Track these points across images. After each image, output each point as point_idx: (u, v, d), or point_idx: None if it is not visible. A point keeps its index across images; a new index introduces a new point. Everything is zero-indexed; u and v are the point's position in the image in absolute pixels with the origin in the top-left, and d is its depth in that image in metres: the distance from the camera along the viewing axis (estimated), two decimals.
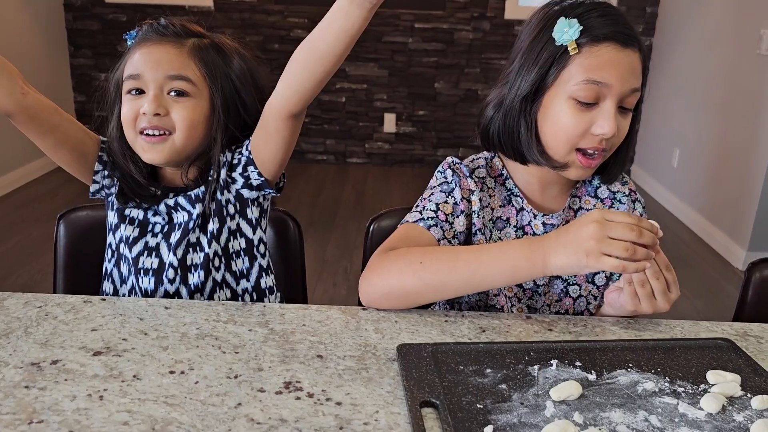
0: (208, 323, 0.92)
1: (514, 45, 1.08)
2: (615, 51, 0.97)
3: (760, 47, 3.26)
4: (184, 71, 1.05)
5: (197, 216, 1.10)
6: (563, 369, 0.83)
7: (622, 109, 1.01)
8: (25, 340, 0.86)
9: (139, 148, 1.07)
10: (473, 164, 1.14)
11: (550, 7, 1.03)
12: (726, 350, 0.89)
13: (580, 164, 1.02)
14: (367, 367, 0.82)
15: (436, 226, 1.04)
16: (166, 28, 1.07)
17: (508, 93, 1.05)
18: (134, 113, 1.04)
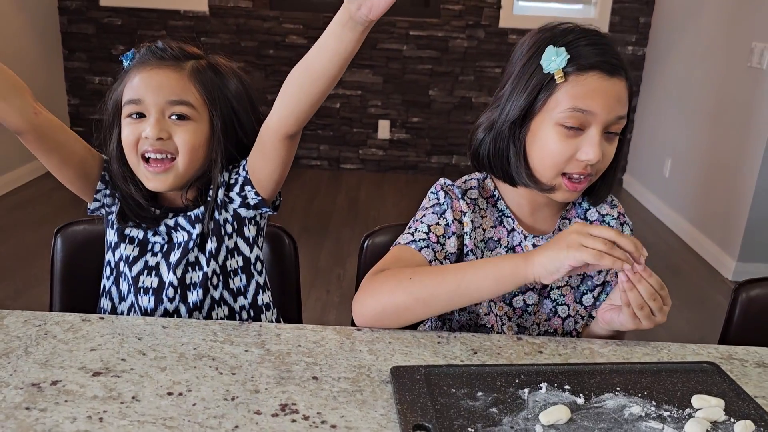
0: (205, 343, 0.93)
1: (506, 68, 1.11)
2: (601, 80, 1.00)
3: (751, 60, 3.30)
4: (184, 96, 1.06)
5: (197, 236, 1.12)
6: (552, 392, 0.85)
7: (608, 134, 1.04)
8: (25, 360, 0.87)
9: (142, 176, 1.08)
10: (465, 185, 1.16)
11: (542, 32, 1.06)
12: (711, 374, 0.91)
13: (566, 188, 1.05)
14: (361, 389, 0.84)
15: (428, 247, 1.07)
16: (165, 51, 1.09)
17: (498, 117, 1.08)
18: (135, 137, 1.06)
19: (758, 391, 0.90)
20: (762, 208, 3.23)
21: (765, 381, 0.93)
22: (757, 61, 3.24)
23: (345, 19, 0.92)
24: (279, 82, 4.11)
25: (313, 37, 4.57)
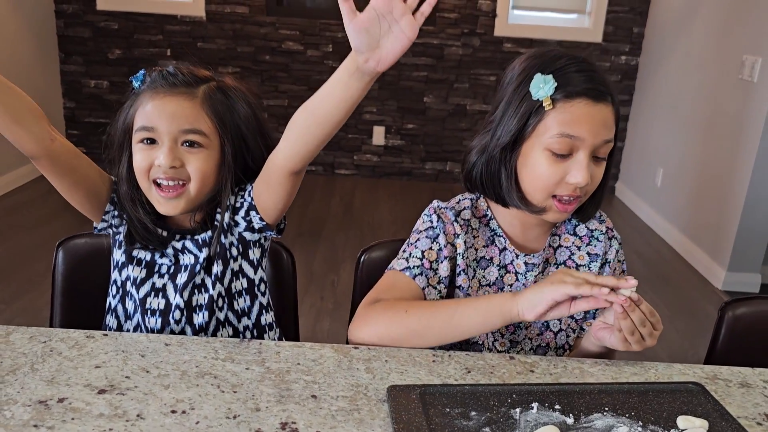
0: (206, 360, 0.96)
1: (497, 92, 1.14)
2: (587, 106, 1.04)
3: (742, 72, 3.35)
4: (197, 124, 1.08)
5: (203, 259, 1.14)
6: (543, 412, 0.88)
7: (595, 158, 1.08)
8: (32, 377, 0.90)
9: (154, 200, 1.10)
10: (459, 206, 1.20)
11: (531, 59, 1.10)
12: (696, 394, 0.94)
13: (557, 209, 1.09)
14: (359, 408, 0.87)
15: (421, 274, 1.11)
16: (176, 77, 1.10)
17: (490, 141, 1.11)
18: (148, 164, 1.08)
19: (741, 412, 0.93)
20: (752, 219, 3.28)
21: (748, 401, 0.96)
22: (749, 74, 3.29)
23: (352, 69, 0.93)
24: (275, 88, 4.16)
25: (309, 43, 4.60)
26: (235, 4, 4.56)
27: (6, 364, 0.92)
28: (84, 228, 1.37)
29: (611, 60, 4.65)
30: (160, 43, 4.63)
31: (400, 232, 3.93)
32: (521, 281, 1.17)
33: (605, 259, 1.22)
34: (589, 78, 1.05)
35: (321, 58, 4.64)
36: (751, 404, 0.95)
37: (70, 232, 1.22)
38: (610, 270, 1.22)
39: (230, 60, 4.65)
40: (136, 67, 4.79)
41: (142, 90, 1.11)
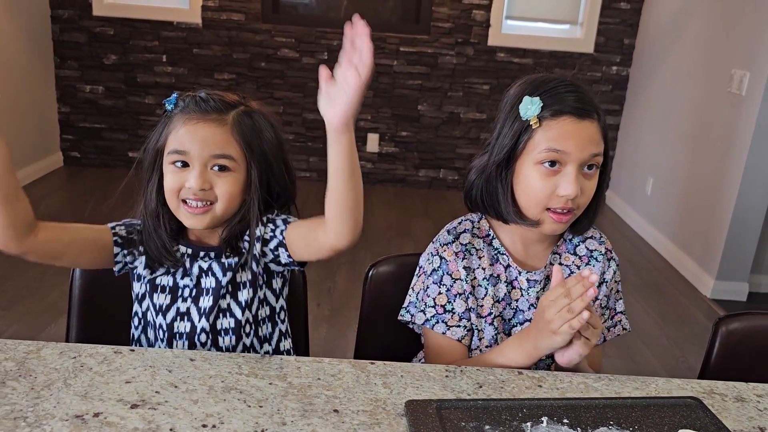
0: (231, 376, 1.01)
1: (498, 111, 1.22)
2: (572, 123, 1.12)
3: (731, 86, 3.43)
4: (227, 150, 1.14)
5: (227, 283, 1.19)
6: (552, 426, 0.93)
7: (586, 172, 1.15)
8: (66, 392, 0.94)
9: (182, 215, 1.15)
10: (460, 227, 1.27)
11: (523, 84, 1.19)
12: (694, 409, 1.00)
13: (552, 220, 1.17)
14: (379, 422, 0.92)
15: (445, 323, 1.21)
16: (207, 102, 1.15)
17: (488, 160, 1.20)
18: (179, 185, 1.13)
19: (737, 425, 0.99)
20: (740, 229, 3.36)
21: (743, 415, 1.02)
22: (737, 88, 3.37)
23: (328, 138, 1.01)
24: (270, 95, 4.22)
25: (304, 50, 4.64)
26: (231, 11, 4.59)
27: (40, 380, 0.96)
28: None
29: (602, 70, 4.73)
30: (155, 49, 4.66)
31: (394, 238, 3.99)
32: (525, 297, 1.23)
33: (603, 279, 1.28)
34: (575, 98, 1.14)
35: (316, 65, 4.68)
36: (745, 418, 1.01)
37: None
38: (607, 289, 1.28)
39: (226, 66, 4.69)
40: (131, 73, 4.81)
41: (174, 113, 1.16)
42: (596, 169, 1.17)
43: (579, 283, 1.05)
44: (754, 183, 3.29)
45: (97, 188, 4.48)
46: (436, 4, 4.58)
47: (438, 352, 1.23)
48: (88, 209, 3.90)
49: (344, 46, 0.95)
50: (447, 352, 1.21)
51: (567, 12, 4.69)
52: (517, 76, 4.34)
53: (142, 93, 4.74)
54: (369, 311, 1.44)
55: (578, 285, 1.05)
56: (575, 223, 1.23)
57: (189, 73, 4.70)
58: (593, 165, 1.15)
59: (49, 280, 3.11)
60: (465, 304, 1.21)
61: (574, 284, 1.05)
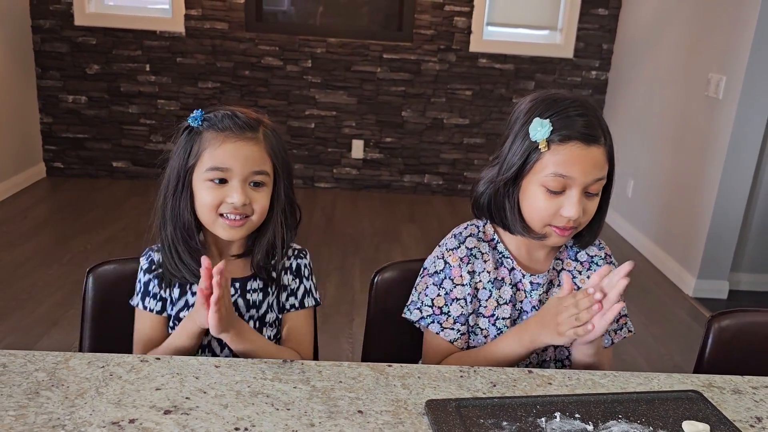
0: (257, 381, 1.05)
1: (506, 127, 1.28)
2: (579, 149, 1.17)
3: (708, 89, 3.54)
4: (264, 166, 1.20)
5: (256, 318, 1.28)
6: (566, 420, 0.99)
7: (587, 194, 1.21)
8: (99, 400, 0.97)
9: (219, 228, 1.20)
10: (466, 231, 1.33)
11: (534, 102, 1.24)
12: (696, 401, 1.06)
13: (556, 234, 1.23)
14: (402, 422, 0.97)
15: (440, 324, 1.28)
16: (240, 119, 1.19)
17: (497, 174, 1.25)
18: (219, 201, 1.18)
19: (736, 416, 1.05)
20: (720, 229, 3.46)
21: (741, 406, 1.08)
22: (714, 91, 3.47)
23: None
24: (254, 103, 4.28)
25: (288, 58, 4.68)
26: (215, 20, 4.62)
27: (73, 389, 0.99)
28: (69, 245, 1.44)
29: (582, 75, 4.83)
30: (139, 58, 4.66)
31: (382, 244, 4.03)
32: (528, 299, 1.29)
33: None
34: (583, 122, 1.18)
35: (300, 73, 4.73)
36: (743, 409, 1.07)
37: (51, 250, 1.26)
38: None
39: (209, 75, 4.71)
40: (114, 83, 4.81)
41: (202, 130, 1.19)
42: (599, 191, 1.23)
43: (586, 297, 1.13)
44: (733, 183, 3.40)
45: (81, 198, 4.47)
46: (419, 12, 4.65)
47: (430, 349, 1.30)
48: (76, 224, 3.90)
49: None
50: (439, 351, 1.28)
51: (547, 18, 4.78)
52: (499, 81, 4.43)
53: (126, 102, 4.74)
54: (375, 316, 1.48)
55: (585, 299, 1.13)
56: (579, 237, 1.31)
57: (173, 82, 4.71)
58: (594, 191, 1.21)
59: (39, 292, 3.11)
60: (461, 309, 1.27)
61: (582, 297, 1.13)
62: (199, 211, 1.20)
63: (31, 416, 0.92)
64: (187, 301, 1.25)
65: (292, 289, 1.33)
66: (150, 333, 1.25)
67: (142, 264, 1.28)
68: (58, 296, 3.09)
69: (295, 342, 1.33)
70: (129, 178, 4.87)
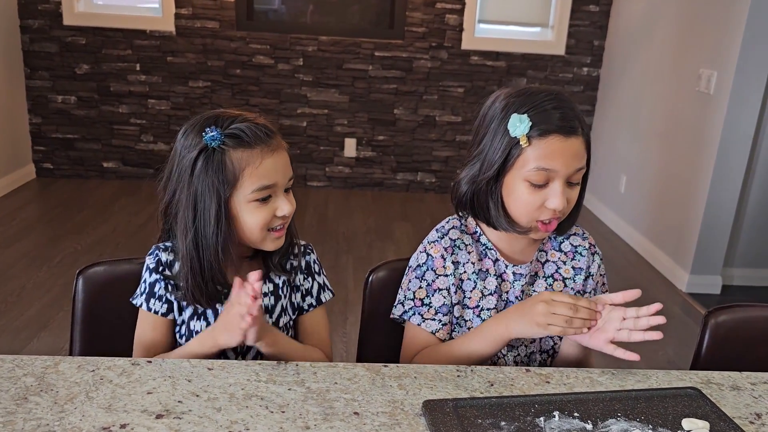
0: (250, 383, 1.03)
1: (478, 125, 1.28)
2: (560, 141, 1.17)
3: (699, 85, 3.54)
4: (292, 171, 1.20)
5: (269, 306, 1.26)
6: (564, 420, 0.97)
7: (569, 183, 1.21)
8: (90, 405, 0.95)
9: (268, 243, 1.18)
10: (448, 225, 1.34)
11: (509, 98, 1.23)
12: (695, 398, 1.05)
13: (540, 229, 1.24)
14: (399, 423, 0.95)
15: (421, 315, 1.27)
16: (261, 127, 1.15)
17: (478, 173, 1.25)
18: (269, 218, 1.16)
19: (735, 412, 1.04)
20: (712, 224, 3.46)
21: (740, 402, 1.07)
22: (705, 87, 3.47)
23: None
24: (246, 101, 4.25)
25: (279, 57, 4.66)
26: (205, 18, 4.58)
27: (62, 394, 0.97)
28: (59, 247, 1.41)
29: (573, 71, 4.83)
30: (128, 58, 4.63)
31: (375, 242, 4.02)
32: (512, 289, 1.30)
33: (588, 273, 1.35)
34: (560, 115, 1.18)
35: (292, 71, 4.70)
36: (742, 405, 1.07)
37: (40, 251, 1.24)
38: (593, 282, 1.36)
39: (200, 74, 4.68)
40: (104, 82, 4.77)
41: (225, 149, 1.12)
42: (579, 180, 1.23)
43: (587, 310, 1.12)
44: (725, 179, 3.40)
45: (71, 199, 4.43)
46: (410, 9, 4.64)
47: (409, 342, 1.29)
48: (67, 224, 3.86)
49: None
50: (419, 343, 1.27)
51: (538, 15, 4.77)
52: (491, 78, 4.42)
53: (116, 102, 4.70)
54: (369, 315, 1.47)
55: (585, 310, 1.12)
56: (558, 227, 1.30)
57: (163, 81, 4.67)
58: (576, 180, 1.22)
59: (27, 294, 3.08)
60: (444, 299, 1.27)
61: (586, 305, 1.12)
62: (245, 233, 1.16)
63: (20, 422, 0.90)
64: (197, 309, 1.22)
65: (306, 288, 1.31)
66: (152, 335, 1.22)
67: (149, 263, 1.23)
68: (48, 298, 3.06)
69: (317, 340, 1.31)
70: (119, 178, 4.84)
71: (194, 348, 1.15)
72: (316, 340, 1.30)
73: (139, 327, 1.23)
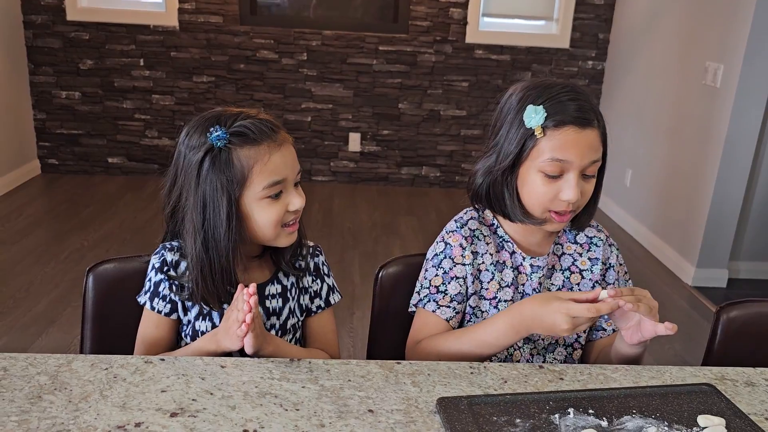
0: (264, 381, 1.03)
1: (495, 117, 1.28)
2: (575, 133, 1.17)
3: (705, 78, 3.52)
4: (299, 164, 1.19)
5: (276, 309, 1.26)
6: (579, 417, 0.97)
7: (584, 176, 1.21)
8: (104, 403, 0.95)
9: (282, 239, 1.18)
10: (466, 216, 1.34)
11: (526, 90, 1.23)
12: (710, 395, 1.05)
13: (555, 220, 1.23)
14: (414, 420, 0.95)
15: (436, 302, 1.26)
16: (266, 122, 1.14)
17: (494, 164, 1.24)
18: (282, 213, 1.15)
19: (750, 408, 1.04)
20: (718, 217, 3.45)
21: (755, 399, 1.07)
22: (711, 80, 3.46)
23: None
24: (250, 96, 4.23)
25: (283, 51, 4.65)
26: (209, 13, 4.57)
27: (76, 392, 0.97)
28: (65, 243, 1.40)
29: (578, 65, 4.81)
30: (132, 53, 4.62)
31: (380, 237, 4.02)
32: (529, 282, 1.30)
33: (608, 264, 1.35)
34: (577, 107, 1.18)
35: (296, 66, 4.69)
36: (758, 401, 1.06)
37: (47, 247, 1.23)
38: (615, 273, 1.35)
39: (204, 69, 4.67)
40: (108, 78, 4.76)
41: (231, 148, 1.10)
42: (595, 173, 1.22)
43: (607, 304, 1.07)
44: (731, 172, 3.38)
45: (77, 195, 4.43)
46: (414, 3, 4.62)
47: (420, 328, 1.27)
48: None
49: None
50: (429, 330, 1.25)
51: (542, 8, 4.75)
52: (495, 72, 4.41)
53: (120, 98, 4.70)
54: (380, 312, 1.47)
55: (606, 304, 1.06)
56: (575, 219, 1.30)
57: (167, 76, 4.67)
58: (591, 172, 1.21)
59: (35, 291, 3.09)
60: (460, 288, 1.26)
61: (606, 309, 1.06)
62: (258, 231, 1.15)
63: (34, 421, 0.90)
64: (202, 309, 1.21)
65: (315, 290, 1.31)
66: (155, 333, 1.22)
67: (154, 262, 1.22)
68: (56, 294, 3.06)
69: (323, 342, 1.31)
70: (125, 174, 4.83)
71: (197, 349, 1.15)
72: (323, 342, 1.30)
73: (142, 324, 1.23)
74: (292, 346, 1.23)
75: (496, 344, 1.18)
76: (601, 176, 1.27)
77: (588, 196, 1.24)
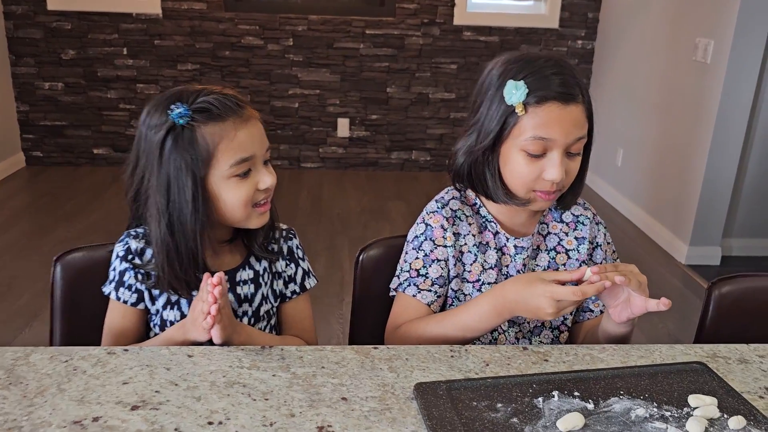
0: (232, 370, 0.98)
1: (475, 94, 1.21)
2: (558, 109, 1.10)
3: (696, 54, 3.46)
4: (268, 140, 1.13)
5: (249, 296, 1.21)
6: (564, 399, 0.92)
7: (569, 154, 1.15)
8: (61, 397, 0.90)
9: (253, 220, 1.12)
10: (448, 195, 1.28)
11: (506, 64, 1.16)
12: (701, 373, 1.00)
13: (541, 199, 1.17)
14: (389, 407, 0.90)
15: (416, 286, 1.20)
16: (231, 98, 1.08)
17: (475, 143, 1.18)
18: (252, 192, 1.09)
19: (743, 387, 0.99)
20: (711, 195, 3.41)
21: (748, 377, 1.02)
22: (702, 56, 3.40)
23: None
24: (236, 83, 4.15)
25: (269, 37, 4.57)
26: (193, 0, 4.49)
27: (32, 387, 0.92)
28: (49, 235, 1.35)
29: (568, 45, 4.74)
30: (115, 42, 4.53)
31: (370, 222, 3.96)
32: (513, 263, 1.25)
33: (596, 243, 1.29)
34: (559, 81, 1.11)
35: (282, 52, 4.61)
36: (751, 379, 1.02)
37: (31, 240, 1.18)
38: (602, 252, 1.30)
39: (189, 57, 4.59)
40: (91, 68, 4.67)
41: (195, 126, 1.05)
42: (580, 150, 1.16)
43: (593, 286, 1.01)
44: (723, 149, 3.34)
45: (62, 187, 4.37)
46: None
47: (400, 313, 1.22)
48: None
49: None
50: (409, 314, 1.20)
51: None
52: (484, 54, 4.33)
53: (103, 87, 4.62)
54: (361, 295, 1.42)
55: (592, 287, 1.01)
56: (561, 199, 1.25)
57: (151, 65, 4.58)
58: (576, 150, 1.15)
59: (18, 284, 3.03)
60: (441, 270, 1.21)
61: (592, 291, 1.00)
62: (227, 212, 1.09)
63: None
64: (170, 298, 1.16)
65: (289, 275, 1.26)
66: (122, 324, 1.16)
67: (118, 251, 1.17)
68: (38, 288, 3.00)
69: (299, 329, 1.26)
70: (110, 164, 4.76)
71: (166, 340, 1.10)
72: (299, 329, 1.25)
73: (108, 315, 1.17)
74: (265, 334, 1.18)
75: (479, 327, 1.12)
76: (587, 153, 1.20)
77: (573, 174, 1.18)
